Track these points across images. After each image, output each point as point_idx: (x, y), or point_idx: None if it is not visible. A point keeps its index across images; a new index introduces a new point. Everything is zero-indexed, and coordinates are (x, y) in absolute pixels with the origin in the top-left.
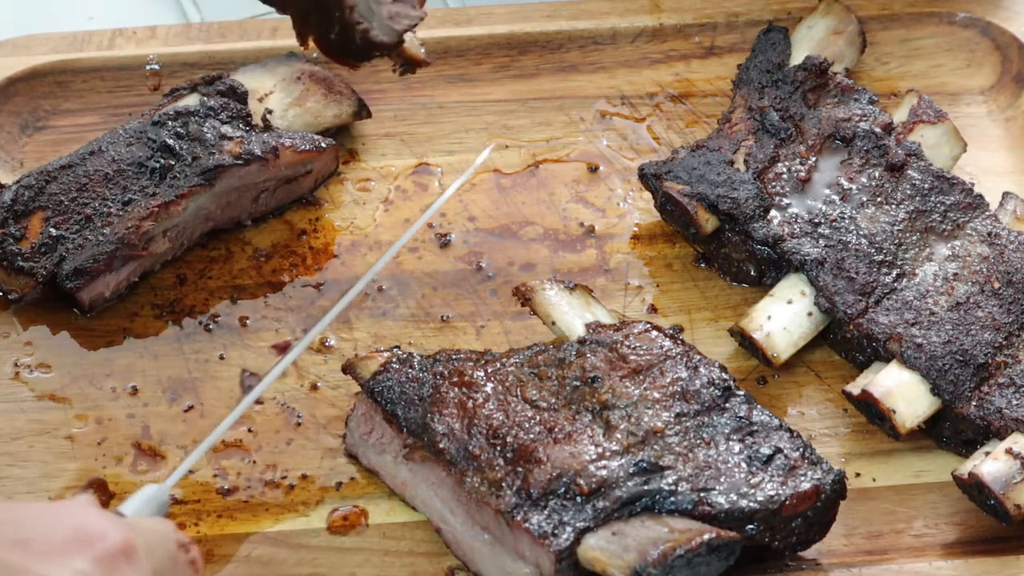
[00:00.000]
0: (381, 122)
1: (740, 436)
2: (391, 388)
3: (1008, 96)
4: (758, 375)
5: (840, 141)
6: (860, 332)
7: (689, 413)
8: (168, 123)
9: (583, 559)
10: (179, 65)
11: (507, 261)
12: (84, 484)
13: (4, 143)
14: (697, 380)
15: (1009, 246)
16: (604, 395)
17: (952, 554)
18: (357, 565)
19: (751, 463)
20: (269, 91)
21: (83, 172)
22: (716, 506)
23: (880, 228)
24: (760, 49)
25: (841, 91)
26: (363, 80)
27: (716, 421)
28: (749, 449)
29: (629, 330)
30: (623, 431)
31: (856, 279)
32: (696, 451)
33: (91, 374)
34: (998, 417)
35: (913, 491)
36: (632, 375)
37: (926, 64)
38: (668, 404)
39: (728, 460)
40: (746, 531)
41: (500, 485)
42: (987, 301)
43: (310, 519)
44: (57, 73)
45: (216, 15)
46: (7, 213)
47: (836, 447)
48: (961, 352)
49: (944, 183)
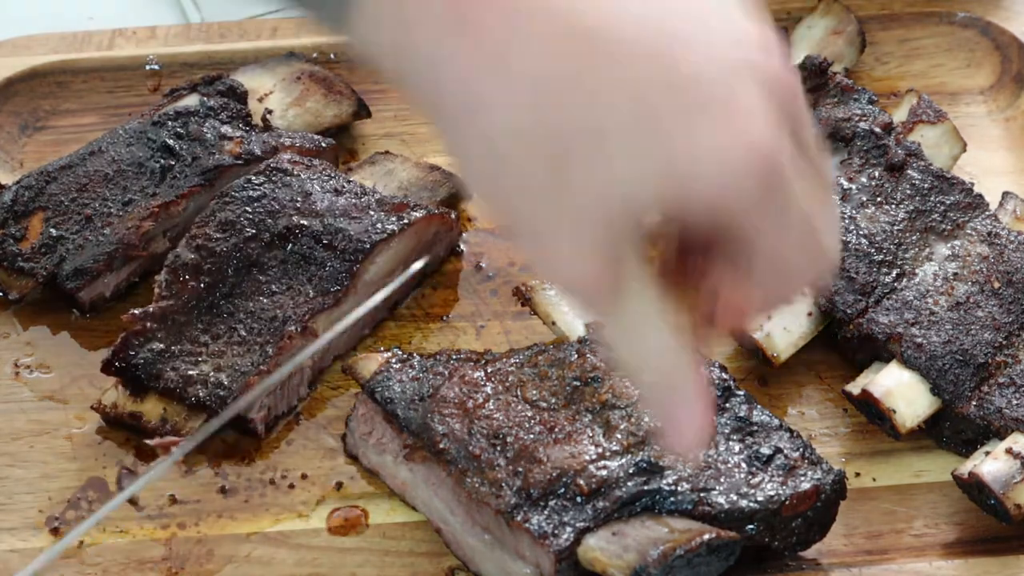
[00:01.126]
0: (381, 122)
1: (740, 436)
2: (391, 388)
3: (1008, 96)
4: (758, 375)
5: (840, 141)
6: (860, 332)
7: None
8: (168, 123)
9: (583, 559)
10: (179, 65)
11: (507, 261)
12: (83, 484)
13: (4, 143)
14: None
15: (1009, 246)
16: (604, 395)
17: (952, 554)
18: (357, 565)
19: (751, 463)
20: (269, 91)
21: (83, 172)
22: (716, 506)
23: (880, 228)
24: None
25: (841, 91)
26: (363, 80)
27: (716, 421)
28: (749, 449)
29: None
30: (623, 431)
31: (856, 279)
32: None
33: (91, 374)
34: (998, 417)
35: (913, 491)
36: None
37: (926, 64)
38: None
39: (728, 460)
40: (746, 531)
41: (500, 485)
42: (987, 301)
43: (310, 519)
44: (57, 73)
45: (216, 15)
46: (7, 213)
47: (836, 447)
48: (961, 352)
49: (944, 183)
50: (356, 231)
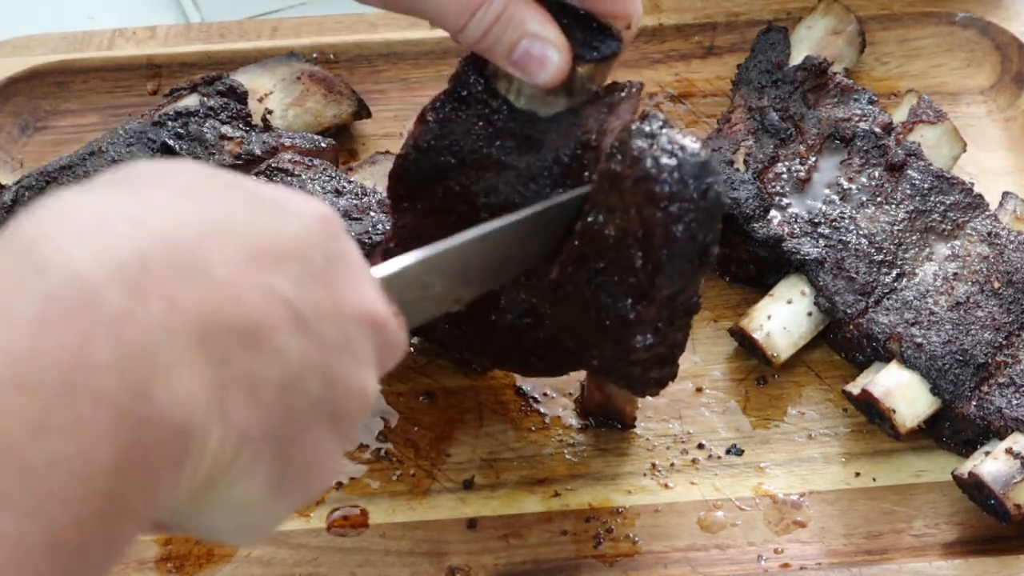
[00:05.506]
0: (381, 122)
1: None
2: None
3: (1008, 96)
4: (758, 375)
5: (840, 141)
6: (860, 332)
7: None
8: (168, 123)
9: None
10: (179, 65)
11: None
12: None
13: (4, 143)
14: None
15: (1009, 246)
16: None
17: (952, 554)
18: (357, 565)
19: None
20: (269, 91)
21: (83, 173)
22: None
23: (880, 228)
24: (760, 49)
25: (841, 91)
26: (363, 80)
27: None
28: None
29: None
30: None
31: (856, 279)
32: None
33: None
34: (998, 417)
35: (913, 491)
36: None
37: (926, 64)
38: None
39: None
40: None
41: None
42: (987, 301)
43: (310, 519)
44: (57, 73)
45: (216, 15)
46: (7, 213)
47: (836, 447)
48: (961, 352)
49: (944, 183)
50: (357, 231)
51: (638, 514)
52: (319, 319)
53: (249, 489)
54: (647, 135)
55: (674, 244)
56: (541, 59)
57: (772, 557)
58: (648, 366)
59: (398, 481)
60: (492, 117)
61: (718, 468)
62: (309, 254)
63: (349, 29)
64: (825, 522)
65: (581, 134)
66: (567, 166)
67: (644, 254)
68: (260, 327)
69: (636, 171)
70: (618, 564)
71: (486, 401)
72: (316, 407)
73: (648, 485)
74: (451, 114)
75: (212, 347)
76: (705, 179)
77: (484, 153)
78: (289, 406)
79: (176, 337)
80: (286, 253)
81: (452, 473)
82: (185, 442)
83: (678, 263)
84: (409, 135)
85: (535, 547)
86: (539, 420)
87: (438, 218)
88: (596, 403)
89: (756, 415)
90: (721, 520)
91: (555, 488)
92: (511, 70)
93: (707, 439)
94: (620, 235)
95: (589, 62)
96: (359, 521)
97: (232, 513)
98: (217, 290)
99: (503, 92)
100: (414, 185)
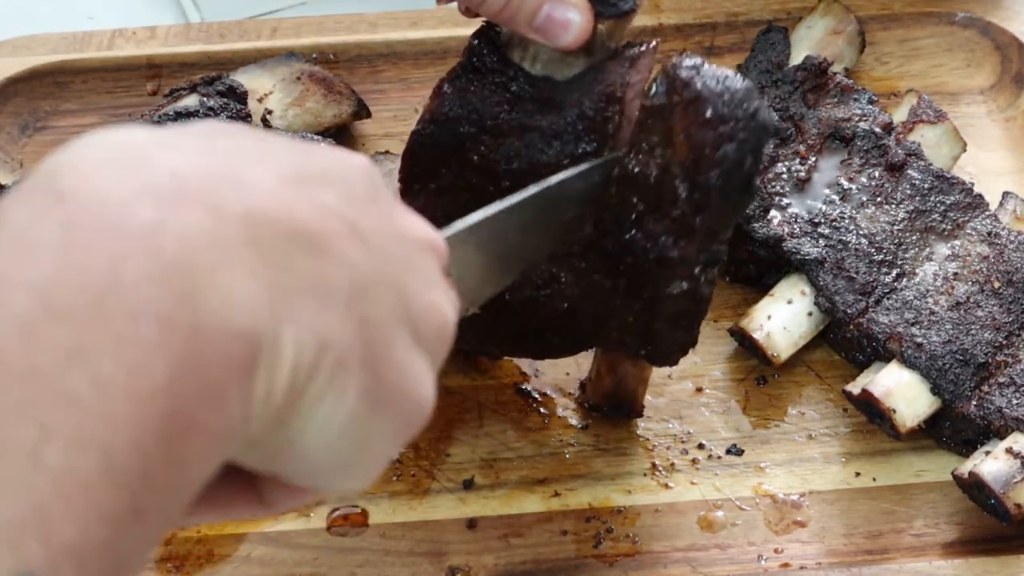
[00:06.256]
0: (381, 122)
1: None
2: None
3: (1008, 96)
4: (758, 375)
5: (840, 141)
6: (860, 332)
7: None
8: (168, 124)
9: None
10: (179, 65)
11: None
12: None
13: (4, 143)
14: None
15: (1009, 246)
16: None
17: (952, 554)
18: (357, 565)
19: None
20: (269, 91)
21: None
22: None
23: (880, 228)
24: (760, 49)
25: (841, 91)
26: (363, 80)
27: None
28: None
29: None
30: None
31: (856, 279)
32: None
33: None
34: (998, 416)
35: (913, 491)
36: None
37: (926, 64)
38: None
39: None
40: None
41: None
42: (987, 301)
43: (310, 519)
44: (57, 73)
45: (216, 15)
46: None
47: (836, 447)
48: (961, 352)
49: (944, 183)
50: None
51: (638, 514)
52: (377, 235)
53: (342, 404)
54: (691, 67)
55: (725, 164)
56: (564, 23)
57: (772, 557)
58: (675, 322)
59: (398, 481)
60: (509, 85)
61: (718, 468)
62: (355, 179)
63: (349, 29)
64: (825, 522)
65: (605, 87)
66: (591, 120)
67: (690, 183)
68: (317, 234)
69: (687, 94)
70: (618, 564)
71: (486, 401)
72: (395, 320)
73: (648, 485)
74: (467, 84)
75: (267, 250)
76: (753, 102)
77: (504, 119)
78: (366, 315)
79: (220, 241)
80: (330, 175)
81: (452, 473)
82: (251, 347)
83: (725, 189)
84: (424, 109)
85: (535, 547)
86: (539, 420)
87: (453, 197)
88: (605, 389)
89: (756, 415)
90: (721, 520)
91: (555, 488)
92: (534, 36)
93: (707, 439)
94: (662, 171)
95: (609, 18)
96: (359, 521)
97: (328, 438)
98: (262, 199)
99: (517, 61)
100: (429, 162)
